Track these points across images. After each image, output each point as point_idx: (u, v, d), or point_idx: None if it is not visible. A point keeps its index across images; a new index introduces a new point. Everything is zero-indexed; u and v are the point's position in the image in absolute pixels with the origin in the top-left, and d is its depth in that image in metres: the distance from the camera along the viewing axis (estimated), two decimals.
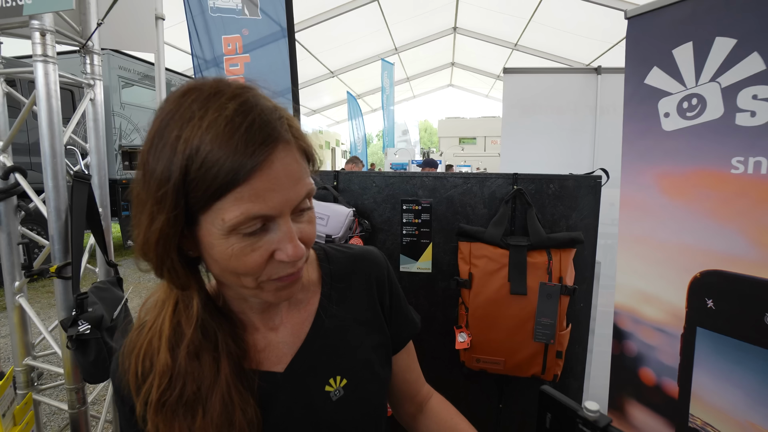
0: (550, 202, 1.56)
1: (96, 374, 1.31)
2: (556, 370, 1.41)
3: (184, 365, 0.53)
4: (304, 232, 0.51)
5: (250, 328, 0.61)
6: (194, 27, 3.30)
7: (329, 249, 0.73)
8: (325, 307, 0.66)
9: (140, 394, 0.54)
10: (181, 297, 0.57)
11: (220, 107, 0.44)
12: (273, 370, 0.60)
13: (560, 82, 2.17)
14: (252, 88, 0.49)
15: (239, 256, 0.46)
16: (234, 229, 0.45)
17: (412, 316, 0.79)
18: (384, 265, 0.74)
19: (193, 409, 0.53)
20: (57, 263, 1.31)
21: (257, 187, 0.44)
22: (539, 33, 9.42)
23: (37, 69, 1.23)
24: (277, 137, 0.46)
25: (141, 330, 0.58)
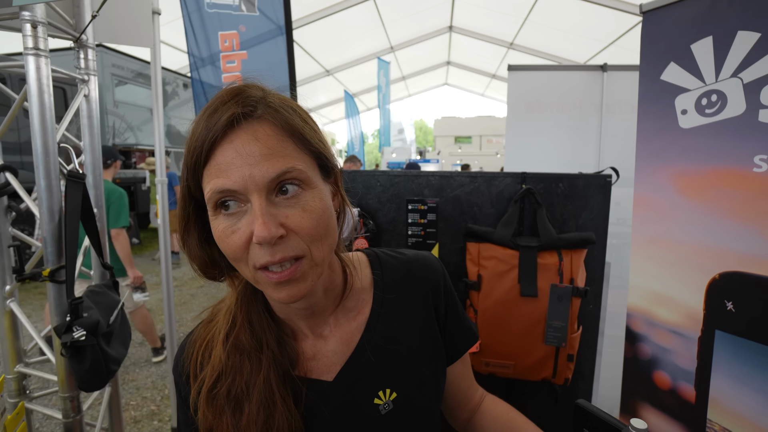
0: (560, 202, 1.53)
1: (92, 382, 1.25)
2: (567, 373, 1.38)
3: (231, 361, 0.56)
4: (290, 218, 0.47)
5: (300, 335, 0.61)
6: (190, 23, 3.24)
7: (382, 254, 0.71)
8: (377, 315, 0.64)
9: (196, 382, 0.57)
10: (242, 295, 0.59)
11: (211, 100, 0.48)
12: (322, 379, 0.59)
13: (565, 79, 2.14)
14: (253, 83, 0.51)
15: (223, 237, 0.47)
16: (214, 206, 0.47)
17: (469, 324, 0.75)
18: (440, 272, 0.71)
19: (240, 406, 0.54)
20: (50, 266, 1.25)
21: (220, 161, 0.46)
22: (535, 32, 9.42)
23: (28, 63, 1.17)
24: (247, 113, 0.46)
25: (209, 322, 0.62)
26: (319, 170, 0.52)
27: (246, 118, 0.46)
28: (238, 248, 0.47)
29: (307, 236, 0.47)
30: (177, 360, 0.62)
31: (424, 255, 0.72)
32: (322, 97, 14.67)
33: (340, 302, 0.63)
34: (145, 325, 3.39)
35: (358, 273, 0.66)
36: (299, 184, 0.47)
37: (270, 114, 0.47)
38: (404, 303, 0.66)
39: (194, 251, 0.54)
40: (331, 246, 0.52)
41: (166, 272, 2.25)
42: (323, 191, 0.51)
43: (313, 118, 0.55)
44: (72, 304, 1.22)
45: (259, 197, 0.45)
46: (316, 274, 0.50)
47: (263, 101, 0.48)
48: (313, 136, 0.51)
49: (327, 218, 0.50)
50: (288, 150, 0.47)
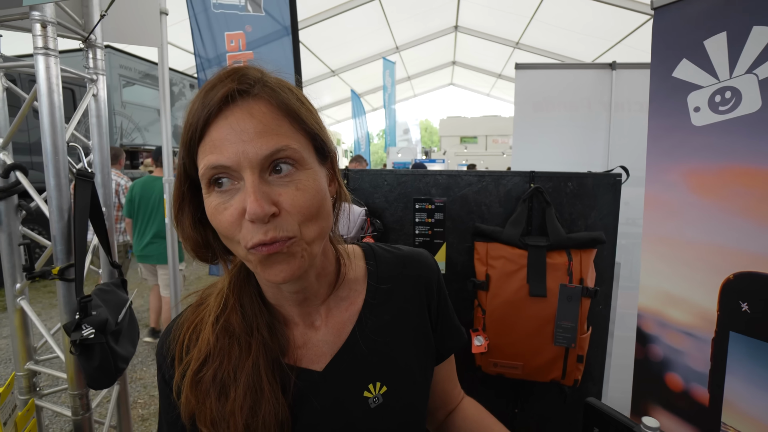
0: (568, 201, 1.51)
1: (101, 380, 1.26)
2: (576, 374, 1.37)
3: (219, 344, 0.54)
4: (284, 197, 0.46)
5: (290, 323, 0.60)
6: (197, 23, 3.26)
7: (377, 248, 0.70)
8: (370, 307, 0.63)
9: (181, 364, 0.55)
10: (235, 278, 0.58)
11: (213, 75, 0.49)
12: (311, 368, 0.58)
13: (573, 78, 2.12)
14: (252, 65, 0.51)
15: (215, 214, 0.47)
16: (207, 183, 0.47)
17: (458, 325, 0.74)
18: (434, 269, 0.70)
19: (225, 391, 0.53)
20: (60, 265, 1.26)
21: (214, 137, 0.45)
22: (541, 31, 9.37)
23: (38, 62, 1.18)
24: (243, 90, 0.46)
25: (199, 305, 0.61)
26: (315, 152, 0.52)
27: (242, 95, 0.46)
28: (229, 225, 0.46)
29: (299, 215, 0.47)
30: (162, 342, 0.60)
31: (419, 251, 0.72)
32: (328, 97, 14.69)
33: (333, 291, 0.62)
34: (159, 304, 3.51)
35: (352, 263, 0.65)
36: (293, 163, 0.47)
37: (266, 93, 0.47)
38: (398, 297, 0.65)
39: (187, 231, 0.53)
40: (323, 229, 0.51)
41: (174, 270, 2.26)
42: (318, 173, 0.50)
43: (311, 102, 0.55)
44: (81, 302, 1.22)
45: (252, 174, 0.45)
46: (307, 254, 0.49)
47: (260, 80, 0.48)
48: (309, 117, 0.51)
49: (320, 199, 0.49)
50: (283, 129, 0.47)
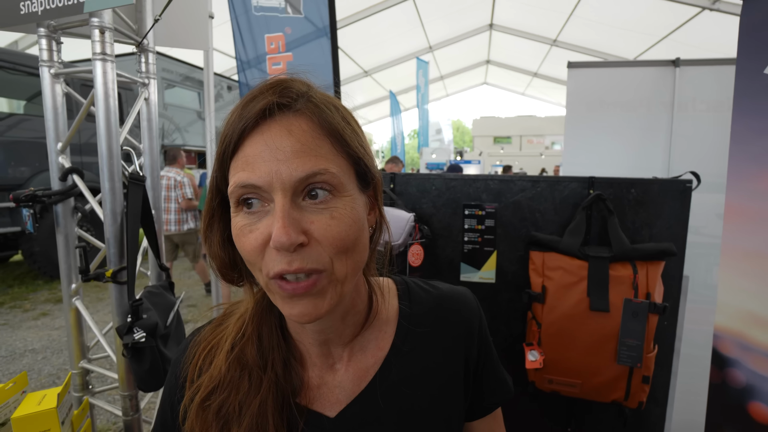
0: (631, 209, 1.41)
1: (151, 383, 1.27)
2: (641, 396, 1.26)
3: (230, 374, 0.51)
4: (315, 225, 0.42)
5: (308, 361, 0.55)
6: (238, 26, 3.30)
7: (413, 284, 0.63)
8: (397, 354, 0.56)
9: (191, 388, 0.53)
10: (258, 305, 0.54)
11: (256, 86, 0.45)
12: (323, 413, 0.52)
13: (631, 76, 1.99)
14: (298, 77, 0.48)
15: (240, 236, 0.44)
16: (236, 202, 0.44)
17: (504, 377, 0.66)
18: (476, 312, 0.62)
19: (228, 427, 0.50)
20: (113, 267, 1.28)
21: (248, 154, 0.42)
22: (580, 28, 9.04)
23: (95, 67, 1.19)
24: (284, 105, 0.43)
25: (219, 325, 0.58)
26: (356, 178, 0.47)
27: (282, 109, 0.43)
28: (252, 250, 0.42)
29: (331, 247, 0.42)
30: (177, 359, 0.58)
31: (460, 291, 0.63)
32: (360, 97, 14.75)
33: (360, 332, 0.56)
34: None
35: (385, 301, 0.59)
36: (330, 189, 0.42)
37: (309, 109, 0.43)
38: (431, 344, 0.58)
39: (215, 250, 0.50)
40: (358, 264, 0.47)
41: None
42: (357, 201, 0.46)
43: (358, 121, 0.50)
44: (133, 305, 1.23)
45: (283, 197, 0.41)
46: (336, 292, 0.45)
47: (305, 95, 0.44)
48: (354, 139, 0.46)
49: (357, 230, 0.44)
50: (323, 150, 0.43)
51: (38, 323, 4.16)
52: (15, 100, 5.58)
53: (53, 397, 1.10)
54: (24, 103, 5.59)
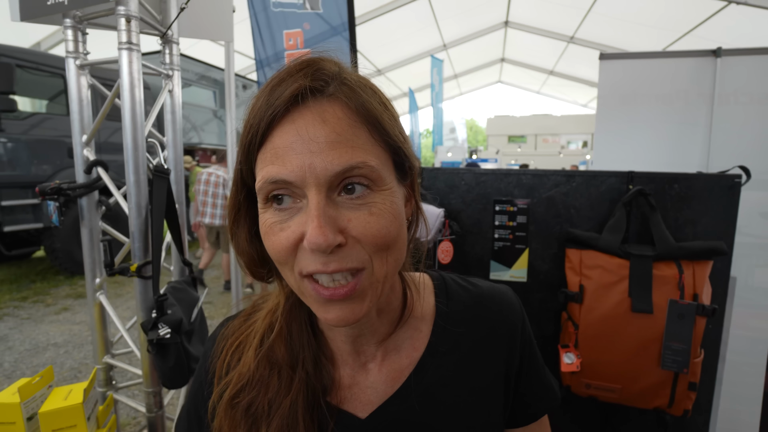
0: (674, 205, 1.34)
1: (175, 379, 1.24)
2: (686, 404, 1.19)
3: (259, 373, 0.49)
4: (353, 223, 0.38)
5: (339, 360, 0.52)
6: (257, 23, 3.29)
7: (450, 281, 0.59)
8: (433, 354, 0.52)
9: (220, 384, 0.51)
10: (288, 301, 0.51)
11: (281, 69, 0.41)
12: (354, 414, 0.49)
13: (668, 67, 1.90)
14: (329, 55, 0.43)
15: (269, 234, 0.40)
16: (265, 198, 0.40)
17: (550, 383, 0.61)
18: (519, 313, 0.58)
19: (257, 426, 0.47)
20: (137, 261, 1.25)
21: (277, 145, 0.38)
22: (599, 24, 8.87)
23: (121, 57, 1.17)
24: (317, 89, 0.38)
25: (248, 318, 0.56)
26: (395, 168, 0.43)
27: (314, 94, 0.38)
28: (283, 249, 0.39)
29: (371, 245, 0.39)
30: (205, 353, 0.56)
31: (501, 290, 0.59)
32: None
33: (394, 330, 0.53)
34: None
35: (421, 298, 0.55)
36: (368, 183, 0.39)
37: (344, 93, 0.39)
38: (469, 345, 0.54)
39: (242, 246, 0.47)
40: (398, 261, 0.43)
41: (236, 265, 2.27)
42: (396, 194, 0.42)
43: (391, 103, 0.45)
44: (158, 301, 1.21)
45: (317, 193, 0.37)
46: (375, 294, 0.42)
47: (338, 77, 0.40)
48: (393, 126, 0.42)
49: (398, 226, 0.41)
50: (361, 140, 0.39)
51: (60, 318, 4.22)
52: (38, 100, 5.69)
53: (79, 393, 1.08)
54: (46, 102, 5.69)
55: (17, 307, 4.52)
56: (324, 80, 0.39)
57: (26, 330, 3.91)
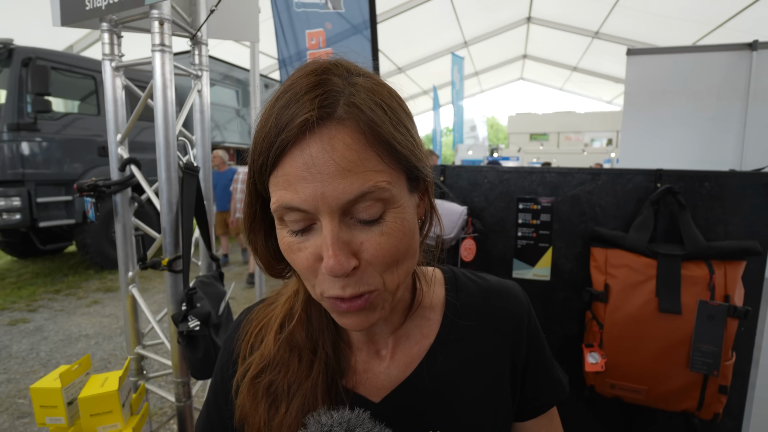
0: (704, 204, 1.30)
1: (204, 371, 1.28)
2: (717, 407, 1.17)
3: (279, 354, 0.52)
4: (365, 245, 0.39)
5: (355, 346, 0.55)
6: (280, 23, 3.34)
7: (460, 275, 0.61)
8: (443, 344, 0.54)
9: (243, 364, 0.54)
10: (305, 289, 0.53)
11: (288, 81, 0.41)
12: (368, 397, 0.52)
13: (699, 62, 1.84)
14: (338, 62, 0.43)
15: (288, 252, 0.43)
16: (280, 218, 0.42)
17: (558, 376, 0.62)
18: (525, 306, 0.59)
19: (276, 404, 0.50)
20: (168, 256, 1.30)
21: (288, 173, 0.39)
22: (626, 18, 8.63)
23: (154, 58, 1.22)
24: (324, 116, 0.38)
25: (270, 304, 0.59)
26: (407, 182, 0.43)
27: (323, 120, 0.38)
28: (304, 269, 0.42)
29: (381, 265, 0.41)
30: (230, 335, 0.60)
31: (509, 285, 0.61)
32: None
33: (405, 320, 0.55)
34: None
35: (431, 290, 0.58)
36: (382, 200, 0.40)
37: (353, 116, 0.38)
38: (477, 336, 0.55)
39: (260, 250, 0.49)
40: (409, 269, 0.45)
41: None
42: (407, 209, 0.43)
43: (408, 110, 0.45)
44: (188, 294, 1.25)
45: (330, 221, 0.39)
46: (388, 303, 0.45)
47: (345, 95, 0.39)
48: (405, 142, 0.42)
49: (408, 241, 0.43)
50: (371, 164, 0.39)
51: (90, 310, 4.39)
52: (70, 101, 5.91)
53: (115, 380, 1.13)
54: (78, 103, 5.91)
55: (51, 299, 4.71)
56: (331, 105, 0.39)
57: (60, 321, 4.08)
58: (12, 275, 5.61)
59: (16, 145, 4.96)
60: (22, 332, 3.80)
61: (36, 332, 3.81)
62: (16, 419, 2.50)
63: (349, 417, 0.46)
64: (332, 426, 0.45)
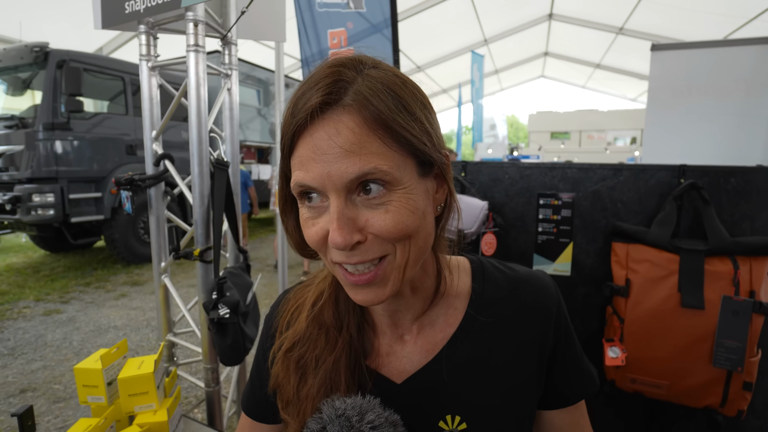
0: (729, 200, 1.29)
1: (232, 357, 1.34)
2: (741, 404, 1.16)
3: (309, 331, 0.56)
4: (370, 221, 0.42)
5: (379, 330, 0.58)
6: (302, 23, 3.40)
7: (488, 264, 0.62)
8: (466, 332, 0.56)
9: (280, 338, 0.59)
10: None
11: (308, 75, 0.45)
12: (390, 378, 0.55)
13: (727, 57, 1.80)
14: (355, 56, 0.47)
15: (304, 226, 0.47)
16: (299, 195, 0.46)
17: (588, 368, 0.62)
18: (554, 297, 0.59)
19: (305, 377, 0.54)
20: (200, 247, 1.36)
21: (302, 155, 0.43)
22: (651, 13, 8.42)
23: (189, 58, 1.28)
24: (331, 102, 0.42)
25: (308, 285, 0.63)
26: (416, 165, 0.45)
27: (331, 105, 0.42)
28: (315, 242, 0.46)
29: (390, 238, 0.44)
30: (272, 311, 0.65)
31: (538, 275, 0.61)
32: None
33: (429, 307, 0.57)
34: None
35: (455, 278, 0.59)
36: (384, 184, 0.42)
37: (358, 102, 0.42)
38: (502, 325, 0.56)
39: (291, 231, 0.54)
40: (421, 249, 0.47)
41: (282, 253, 2.38)
42: (414, 190, 0.45)
43: (422, 97, 0.47)
44: (219, 283, 1.31)
45: (337, 198, 0.42)
46: (398, 278, 0.46)
47: (354, 85, 0.42)
48: (408, 128, 0.43)
49: (416, 219, 0.44)
50: (373, 146, 0.41)
51: (118, 303, 4.56)
52: (99, 101, 6.13)
53: (150, 363, 1.19)
54: (107, 103, 6.12)
55: (82, 291, 4.91)
56: (338, 93, 0.42)
57: (90, 313, 4.26)
58: (45, 268, 5.86)
59: (51, 144, 5.18)
60: (56, 322, 3.98)
61: (68, 323, 3.98)
62: (53, 404, 2.63)
63: (360, 402, 0.49)
64: (345, 410, 0.48)
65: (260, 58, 8.52)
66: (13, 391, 2.76)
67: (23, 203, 5.07)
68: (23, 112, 5.47)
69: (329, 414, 0.48)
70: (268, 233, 8.92)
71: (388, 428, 0.47)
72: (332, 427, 0.47)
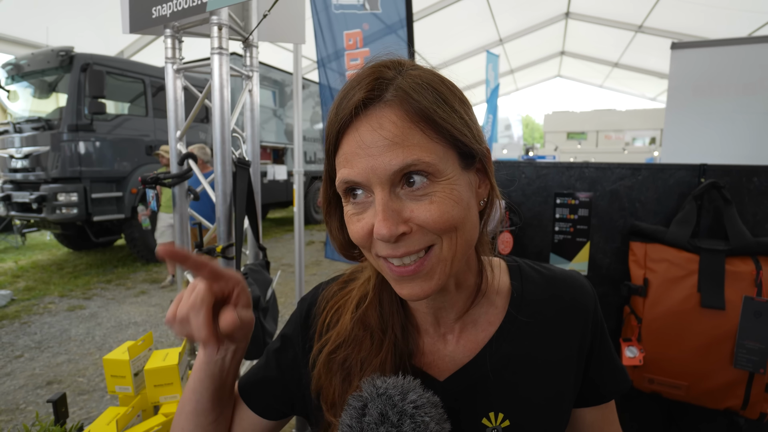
0: (752, 200, 1.28)
1: (252, 351, 1.38)
2: (764, 407, 1.14)
3: (354, 333, 0.56)
4: (416, 213, 0.43)
5: (423, 330, 0.59)
6: (319, 24, 3.44)
7: (524, 265, 0.63)
8: (507, 331, 0.57)
9: (320, 340, 0.59)
10: (378, 275, 0.57)
11: (351, 77, 0.47)
12: (433, 375, 0.56)
13: (751, 54, 1.77)
14: (395, 59, 0.48)
15: (349, 222, 0.48)
16: (344, 193, 0.47)
17: (620, 364, 0.64)
18: (591, 297, 0.60)
19: (350, 378, 0.54)
20: (222, 244, 1.40)
21: (347, 151, 0.45)
22: (671, 10, 8.24)
23: (213, 60, 1.32)
24: (374, 98, 0.44)
25: (344, 286, 0.63)
26: (458, 158, 0.46)
27: (373, 102, 0.44)
28: (360, 237, 0.46)
29: (436, 229, 0.44)
30: (309, 311, 0.63)
31: (574, 275, 0.62)
32: None
33: (471, 306, 0.57)
34: None
35: (496, 278, 0.59)
36: (427, 175, 0.43)
37: (398, 98, 0.43)
38: (542, 324, 0.57)
39: (335, 233, 0.54)
40: (468, 241, 0.48)
41: (299, 253, 2.42)
42: (458, 181, 0.45)
43: (460, 94, 0.49)
44: None
45: (381, 190, 0.43)
46: (444, 272, 0.46)
47: (394, 82, 0.44)
48: (450, 119, 0.45)
49: (460, 211, 0.45)
50: (414, 139, 0.43)
51: (138, 300, 4.67)
52: (120, 103, 6.30)
53: (175, 356, 1.24)
54: (128, 105, 6.28)
55: (104, 288, 5.05)
56: (380, 89, 0.44)
57: (111, 309, 4.37)
58: (69, 266, 6.04)
59: (75, 145, 5.34)
60: (79, 318, 4.10)
61: (91, 318, 4.10)
62: (77, 396, 2.72)
63: (402, 382, 0.49)
64: (387, 389, 0.48)
65: (275, 60, 8.62)
66: (41, 383, 2.86)
67: (48, 202, 5.24)
68: (49, 114, 5.65)
69: (370, 392, 0.48)
70: (283, 233, 9.01)
71: (430, 409, 0.47)
72: (374, 404, 0.47)
